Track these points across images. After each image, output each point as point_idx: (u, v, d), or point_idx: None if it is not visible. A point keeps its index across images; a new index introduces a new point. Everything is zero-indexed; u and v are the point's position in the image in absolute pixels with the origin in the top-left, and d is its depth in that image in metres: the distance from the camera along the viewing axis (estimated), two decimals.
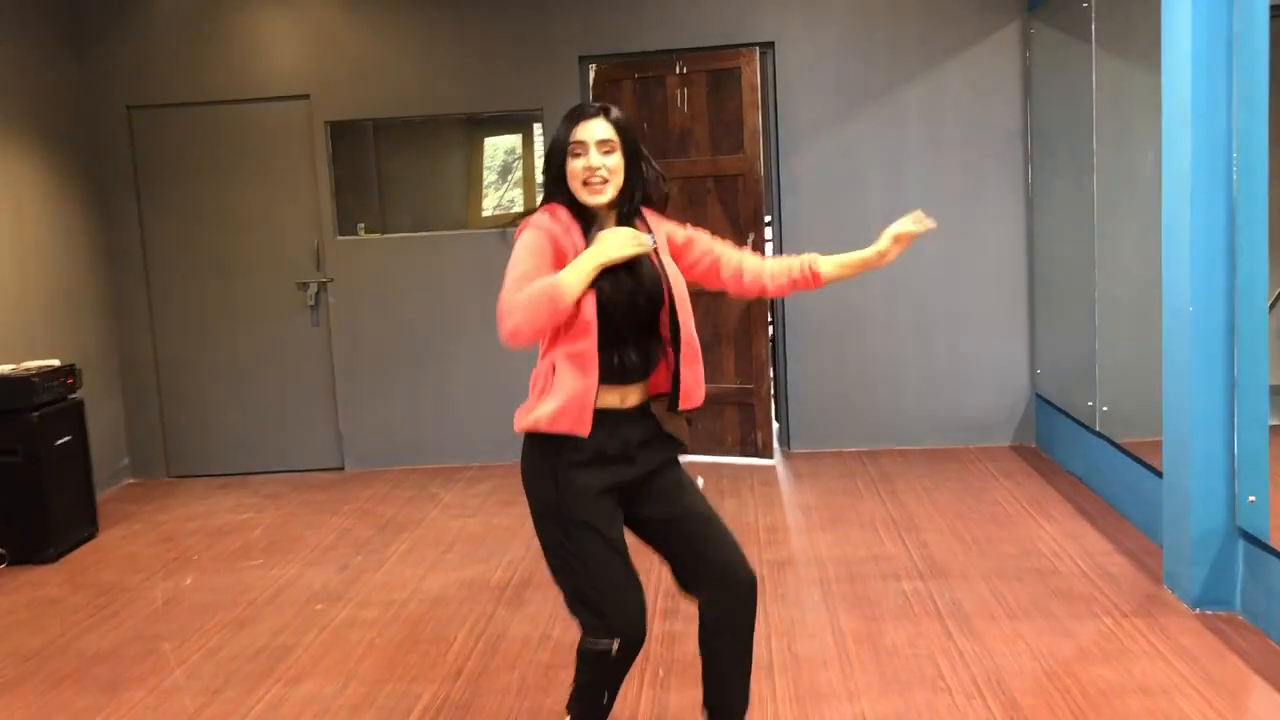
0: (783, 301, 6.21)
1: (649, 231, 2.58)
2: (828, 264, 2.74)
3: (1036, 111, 5.87)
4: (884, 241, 2.69)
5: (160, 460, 6.55)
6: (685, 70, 6.05)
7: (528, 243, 2.50)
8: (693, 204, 6.09)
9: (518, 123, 6.76)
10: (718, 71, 6.01)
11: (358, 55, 6.24)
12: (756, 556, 4.54)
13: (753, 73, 5.94)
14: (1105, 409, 4.93)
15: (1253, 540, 3.57)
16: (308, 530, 5.33)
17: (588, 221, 2.57)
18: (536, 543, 2.62)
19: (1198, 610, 3.71)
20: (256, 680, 3.63)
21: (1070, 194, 5.28)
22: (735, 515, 5.14)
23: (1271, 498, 3.51)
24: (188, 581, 4.67)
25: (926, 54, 6.02)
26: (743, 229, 5.99)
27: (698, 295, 2.77)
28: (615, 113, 2.57)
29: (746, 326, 6.08)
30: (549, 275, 2.43)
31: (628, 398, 2.58)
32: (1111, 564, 4.22)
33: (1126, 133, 4.66)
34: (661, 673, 3.48)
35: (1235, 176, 3.55)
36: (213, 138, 6.35)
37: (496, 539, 4.99)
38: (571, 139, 2.53)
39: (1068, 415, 5.50)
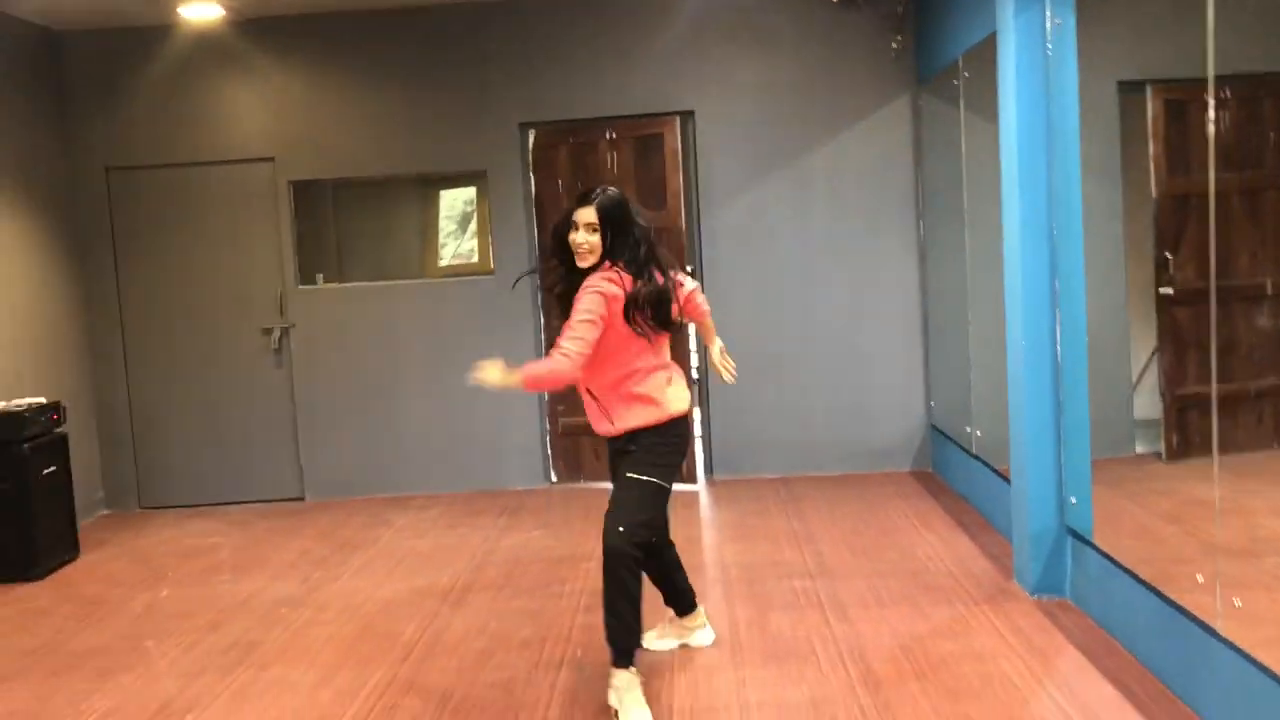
0: (704, 347, 6.87)
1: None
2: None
3: (925, 173, 6.63)
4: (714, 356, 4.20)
5: (133, 493, 7.08)
6: (614, 136, 6.76)
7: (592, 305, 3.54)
8: None
9: (469, 178, 7.43)
10: (644, 137, 6.73)
11: (318, 121, 6.89)
12: None
13: (674, 138, 6.67)
14: (979, 434, 5.64)
15: (1077, 536, 4.25)
16: (271, 551, 5.88)
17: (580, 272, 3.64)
18: (478, 556, 3.23)
19: (1036, 597, 4.39)
20: (230, 668, 4.19)
21: (950, 245, 6.03)
22: None
23: (1105, 504, 4.20)
24: (164, 594, 5.21)
25: (830, 122, 6.78)
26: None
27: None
28: (603, 200, 3.57)
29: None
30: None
31: None
32: (975, 564, 4.90)
33: (991, 191, 5.40)
34: (579, 652, 4.09)
35: (1053, 232, 4.28)
36: (185, 196, 6.97)
37: (443, 555, 5.57)
38: (573, 217, 3.58)
39: (953, 440, 6.20)
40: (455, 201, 7.66)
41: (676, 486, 6.91)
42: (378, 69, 6.88)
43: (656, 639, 4.08)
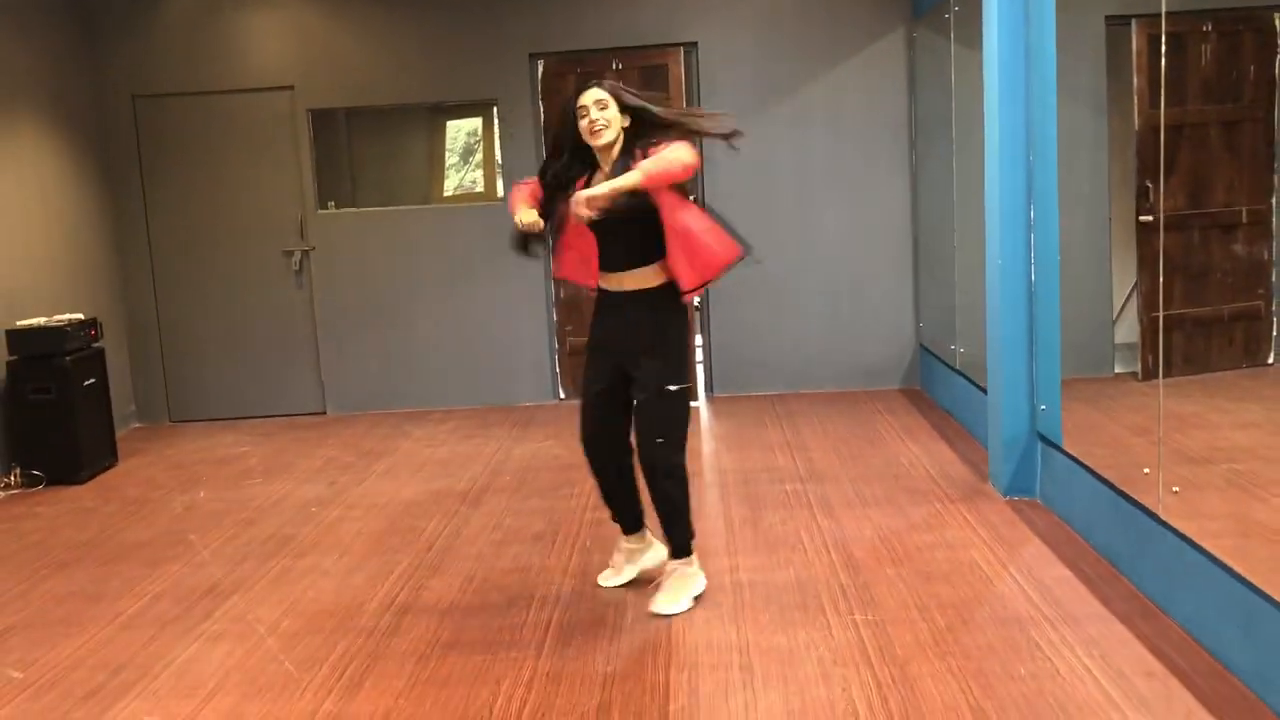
0: None
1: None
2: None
3: (918, 104, 6.90)
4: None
5: (163, 406, 7.47)
6: (620, 66, 7.03)
7: None
8: None
9: (479, 107, 7.69)
10: (648, 67, 7.00)
11: (335, 50, 7.16)
12: None
13: (678, 68, 6.93)
14: (962, 351, 5.99)
15: (1046, 441, 4.62)
16: (298, 459, 6.28)
17: (590, 164, 3.64)
18: (493, 463, 3.60)
19: (1007, 497, 4.77)
20: (268, 557, 4.59)
21: (939, 173, 6.32)
22: None
23: (1079, 417, 4.56)
24: (201, 495, 5.62)
25: (828, 55, 7.04)
26: None
27: None
28: (605, 82, 3.61)
29: None
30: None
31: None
32: (953, 469, 5.28)
33: (976, 120, 5.69)
34: (588, 543, 4.49)
35: (1030, 159, 4.59)
36: (208, 124, 7.26)
37: (459, 462, 5.96)
38: (577, 105, 3.57)
39: (939, 359, 6.56)
40: (459, 133, 7.93)
41: None
42: (395, 3, 7.13)
43: (612, 577, 4.03)
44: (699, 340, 7.33)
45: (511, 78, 7.15)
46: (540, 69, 7.23)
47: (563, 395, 7.44)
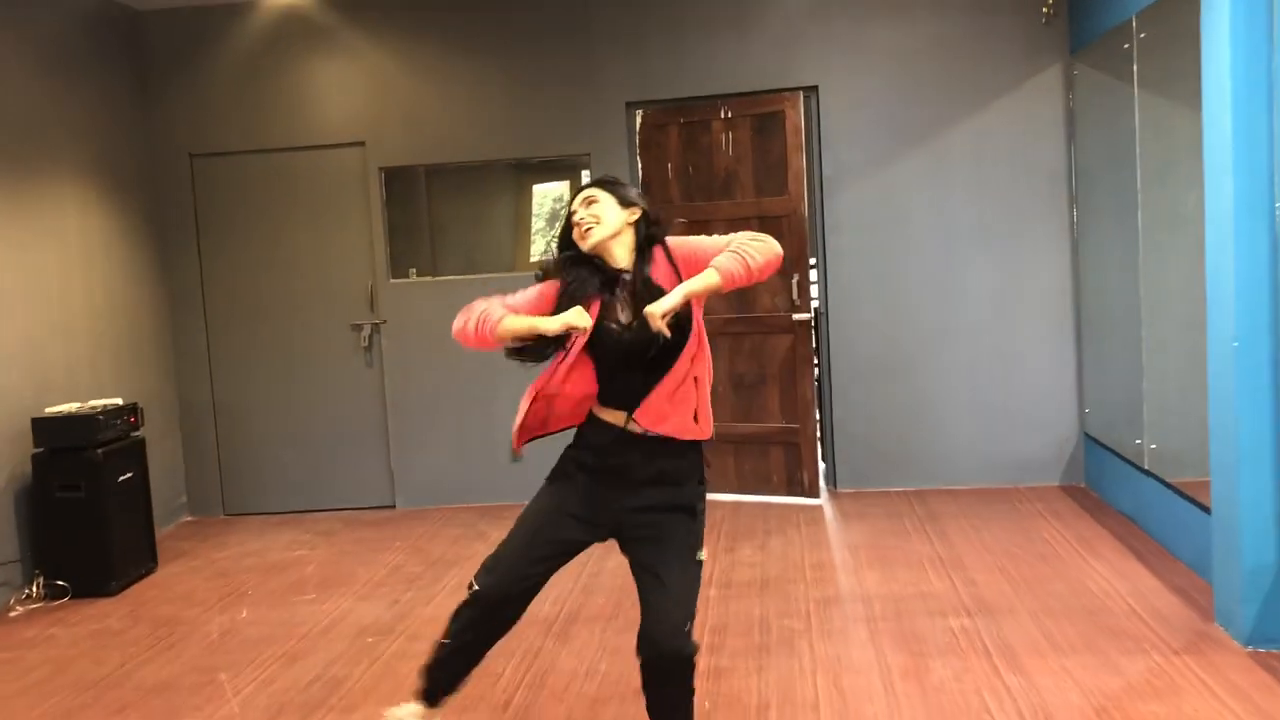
0: (829, 340, 6.26)
1: (666, 271, 2.80)
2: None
3: (1079, 152, 5.90)
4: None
5: (217, 498, 6.70)
6: (729, 114, 6.16)
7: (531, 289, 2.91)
8: None
9: (565, 169, 6.90)
10: (761, 115, 6.11)
11: (410, 103, 6.42)
12: (803, 594, 4.56)
13: (796, 115, 6.04)
14: (1154, 447, 4.91)
15: None
16: (360, 566, 5.42)
17: (609, 277, 2.83)
18: (583, 579, 2.68)
19: (1250, 648, 3.68)
20: (309, 710, 3.70)
21: (1114, 234, 5.30)
22: (782, 553, 5.17)
23: None
24: (243, 615, 4.77)
25: (969, 97, 6.08)
26: (786, 270, 6.06)
27: (743, 335, 2.87)
28: (599, 177, 2.97)
29: (791, 365, 6.13)
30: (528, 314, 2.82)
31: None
32: (1161, 602, 4.19)
33: (1169, 173, 4.68)
34: (708, 705, 3.51)
35: (1277, 214, 3.57)
36: (270, 184, 6.56)
37: None
38: (571, 213, 2.90)
39: (1115, 454, 5.47)
40: (544, 199, 7.16)
41: (794, 500, 6.39)
42: (474, 46, 6.38)
43: None
44: (817, 421, 6.35)
45: (607, 130, 6.33)
46: (638, 119, 6.40)
47: None
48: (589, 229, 2.83)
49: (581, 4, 6.27)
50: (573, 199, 2.93)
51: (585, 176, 6.64)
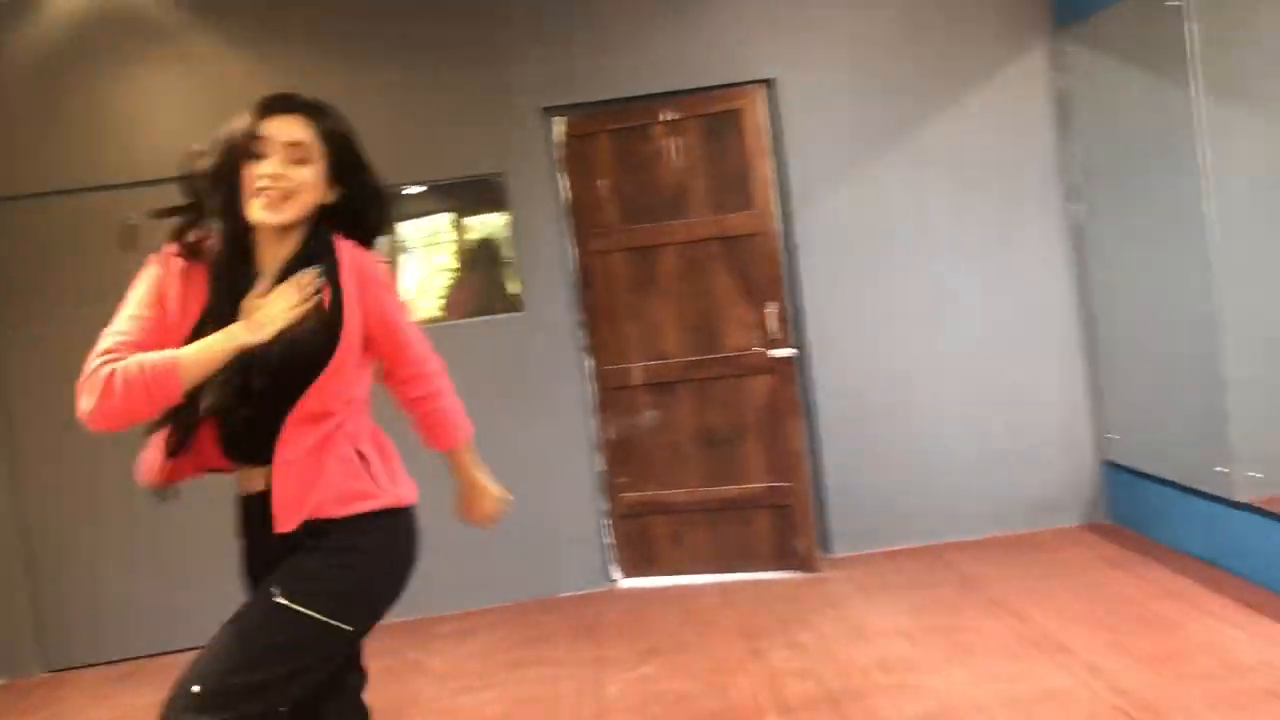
0: (812, 382, 5.26)
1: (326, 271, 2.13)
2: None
3: (1078, 140, 5.15)
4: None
5: (31, 653, 5.05)
6: (673, 117, 5.11)
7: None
8: (693, 272, 5.11)
9: (483, 186, 5.66)
10: (713, 115, 5.08)
11: None
12: (892, 708, 3.48)
13: (756, 113, 5.04)
14: (1255, 475, 4.12)
15: None
16: None
17: (245, 252, 2.11)
18: None
19: None
20: None
21: (1126, 232, 4.53)
22: (824, 652, 4.07)
23: None
24: None
25: (944, 86, 5.25)
26: (758, 298, 5.04)
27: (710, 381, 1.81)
28: (322, 113, 2.20)
29: (774, 413, 5.09)
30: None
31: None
32: None
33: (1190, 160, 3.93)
34: None
35: None
36: (84, 233, 5.04)
37: None
38: (259, 132, 2.10)
39: (1173, 485, 4.67)
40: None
41: (789, 575, 5.20)
42: (350, 48, 5.10)
43: None
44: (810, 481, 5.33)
45: (520, 143, 5.16)
46: (559, 129, 5.26)
47: (617, 578, 5.32)
48: (280, 200, 2.14)
49: None
50: (263, 113, 2.17)
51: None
